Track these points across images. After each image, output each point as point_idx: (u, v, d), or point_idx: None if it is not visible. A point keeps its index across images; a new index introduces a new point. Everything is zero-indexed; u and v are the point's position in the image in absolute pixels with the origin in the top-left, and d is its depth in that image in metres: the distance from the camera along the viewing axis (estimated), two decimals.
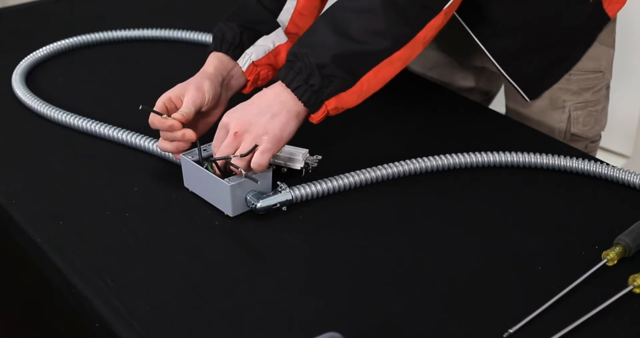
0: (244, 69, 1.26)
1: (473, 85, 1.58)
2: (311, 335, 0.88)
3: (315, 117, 1.13)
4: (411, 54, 1.15)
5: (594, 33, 1.38)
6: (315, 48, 1.11)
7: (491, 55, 1.34)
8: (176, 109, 1.18)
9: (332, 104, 1.12)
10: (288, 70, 1.12)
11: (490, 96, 1.65)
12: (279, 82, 1.13)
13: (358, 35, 1.10)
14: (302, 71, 1.10)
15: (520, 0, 1.25)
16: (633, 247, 1.03)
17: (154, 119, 1.16)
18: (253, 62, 1.26)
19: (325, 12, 1.16)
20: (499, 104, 1.65)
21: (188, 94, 1.18)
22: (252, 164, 1.10)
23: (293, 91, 1.11)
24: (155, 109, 1.16)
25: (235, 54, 1.26)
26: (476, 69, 1.53)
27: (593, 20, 1.36)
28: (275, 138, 1.10)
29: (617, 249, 1.03)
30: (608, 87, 1.45)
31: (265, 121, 1.10)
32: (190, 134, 1.14)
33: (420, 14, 1.12)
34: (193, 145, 1.17)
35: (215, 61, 1.24)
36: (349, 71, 1.11)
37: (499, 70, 1.36)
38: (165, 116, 1.15)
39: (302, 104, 1.11)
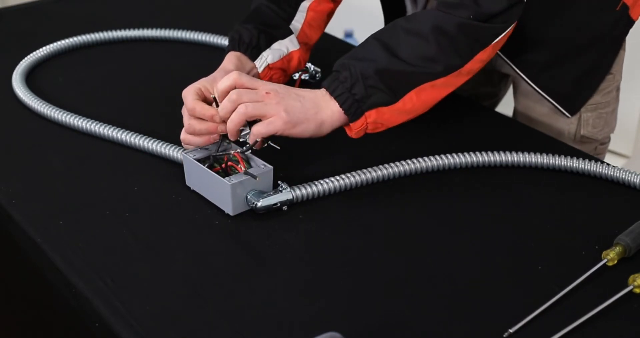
0: (260, 70, 1.26)
1: (479, 88, 1.58)
2: (311, 335, 0.88)
3: (354, 128, 1.13)
4: (455, 83, 1.16)
5: (621, 39, 1.38)
6: (362, 61, 1.12)
7: (519, 69, 1.33)
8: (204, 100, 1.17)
9: (372, 117, 1.12)
10: (333, 79, 1.13)
11: (497, 100, 1.65)
12: (323, 90, 1.13)
13: (407, 57, 1.11)
14: (347, 80, 1.11)
15: (547, 12, 1.24)
16: (633, 247, 1.03)
17: (195, 106, 1.13)
18: (268, 64, 1.26)
19: (382, 29, 1.17)
20: (503, 106, 1.65)
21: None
22: (253, 131, 1.09)
23: (335, 97, 1.11)
24: (192, 95, 1.14)
25: (253, 55, 1.26)
26: (483, 72, 1.52)
27: (620, 27, 1.35)
28: (291, 122, 1.09)
29: (617, 249, 1.03)
30: (618, 89, 1.44)
31: (299, 106, 1.10)
32: (224, 129, 1.13)
33: (471, 46, 1.14)
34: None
35: (234, 59, 1.24)
36: (391, 87, 1.12)
37: (532, 87, 1.35)
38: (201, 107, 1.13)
39: (343, 111, 1.11)
